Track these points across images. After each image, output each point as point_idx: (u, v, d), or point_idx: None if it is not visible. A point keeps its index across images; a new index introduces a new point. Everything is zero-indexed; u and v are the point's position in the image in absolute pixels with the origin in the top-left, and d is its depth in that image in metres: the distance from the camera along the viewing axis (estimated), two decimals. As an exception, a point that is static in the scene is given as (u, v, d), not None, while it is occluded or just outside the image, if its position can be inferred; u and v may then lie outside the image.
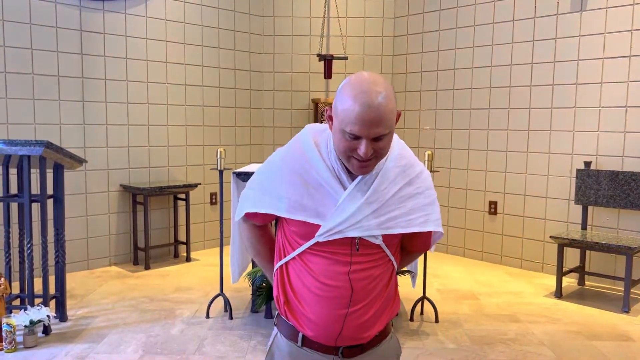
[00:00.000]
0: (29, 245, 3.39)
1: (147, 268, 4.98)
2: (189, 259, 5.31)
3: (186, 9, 5.44)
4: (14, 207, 4.10)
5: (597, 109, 4.58)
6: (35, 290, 3.57)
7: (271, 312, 3.76)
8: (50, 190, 3.67)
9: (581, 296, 4.35)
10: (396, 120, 1.30)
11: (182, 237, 5.44)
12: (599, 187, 4.45)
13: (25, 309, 3.27)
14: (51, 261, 3.98)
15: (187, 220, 5.31)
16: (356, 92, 1.24)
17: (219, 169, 3.76)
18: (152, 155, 5.29)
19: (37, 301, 3.46)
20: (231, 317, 3.74)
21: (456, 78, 5.52)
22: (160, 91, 5.31)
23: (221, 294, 3.82)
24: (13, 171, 4.01)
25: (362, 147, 1.26)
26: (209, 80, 5.69)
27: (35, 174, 4.17)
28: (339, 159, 1.35)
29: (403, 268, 2.73)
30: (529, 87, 4.98)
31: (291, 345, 1.43)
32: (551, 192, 4.89)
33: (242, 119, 6.00)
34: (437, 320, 3.72)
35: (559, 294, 4.29)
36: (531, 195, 5.03)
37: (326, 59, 5.79)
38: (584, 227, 4.56)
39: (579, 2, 4.63)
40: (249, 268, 3.79)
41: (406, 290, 4.09)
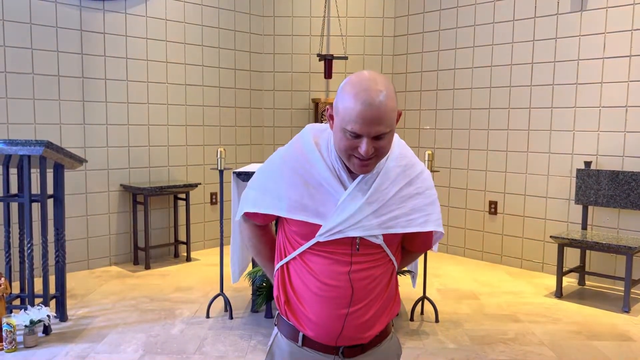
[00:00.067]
0: (29, 245, 3.39)
1: (148, 268, 4.98)
2: (189, 259, 5.31)
3: (186, 8, 5.44)
4: (14, 207, 4.11)
5: (597, 108, 4.58)
6: (36, 290, 3.57)
7: (271, 311, 3.76)
8: (50, 190, 3.67)
9: (581, 296, 4.35)
10: (397, 120, 1.29)
11: (183, 237, 5.44)
12: (599, 187, 4.45)
13: (26, 309, 3.27)
14: (51, 261, 3.98)
15: (187, 220, 5.31)
16: (357, 91, 1.24)
17: (219, 168, 3.76)
18: (152, 155, 5.29)
19: (38, 301, 3.46)
20: (231, 317, 3.74)
21: (456, 78, 5.52)
22: (161, 91, 5.31)
23: (221, 293, 3.82)
24: (13, 171, 4.01)
25: (363, 146, 1.25)
26: (209, 80, 5.69)
27: (35, 173, 4.16)
28: (339, 158, 1.34)
29: (403, 268, 2.72)
30: (529, 87, 4.98)
31: (292, 345, 1.43)
32: (551, 192, 4.89)
33: (242, 118, 6.00)
34: (437, 320, 3.72)
35: (559, 293, 4.29)
36: (531, 195, 5.03)
37: (326, 59, 5.79)
38: (584, 227, 4.56)
39: (579, 2, 4.63)
40: (249, 268, 3.80)
41: (406, 290, 4.09)
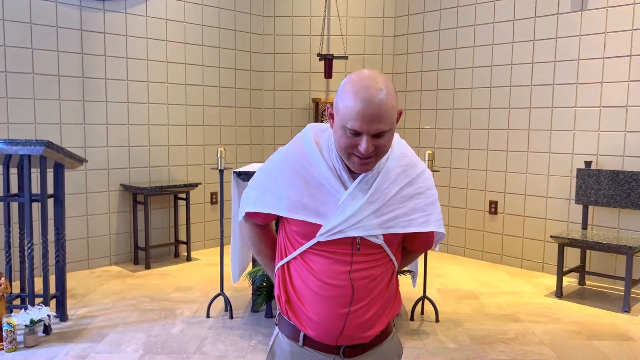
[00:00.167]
0: (29, 245, 3.39)
1: (148, 268, 4.98)
2: (189, 259, 5.31)
3: (186, 8, 5.43)
4: (14, 206, 4.11)
5: (598, 108, 4.58)
6: (36, 289, 3.57)
7: (271, 311, 3.76)
8: (50, 190, 3.67)
9: (581, 296, 4.35)
10: (397, 119, 1.30)
11: (183, 236, 5.44)
12: (599, 187, 4.45)
13: (26, 309, 3.27)
14: (51, 261, 3.98)
15: (187, 219, 5.31)
16: (357, 89, 1.24)
17: (219, 168, 3.76)
18: (152, 155, 5.29)
19: (38, 301, 3.46)
20: (231, 317, 3.74)
21: (456, 77, 5.52)
22: (161, 91, 5.31)
23: (221, 293, 3.82)
24: (13, 171, 4.01)
25: (363, 144, 1.25)
26: (210, 79, 5.68)
27: (35, 173, 4.16)
28: (340, 158, 1.34)
29: (404, 268, 2.72)
30: (529, 87, 4.98)
31: (292, 345, 1.43)
32: (552, 192, 4.89)
33: (242, 118, 6.00)
34: (437, 320, 3.72)
35: (559, 293, 4.29)
36: (531, 194, 5.03)
37: (326, 59, 5.79)
38: (584, 226, 4.56)
39: (579, 2, 4.63)
40: (249, 268, 3.80)
41: (407, 289, 4.09)
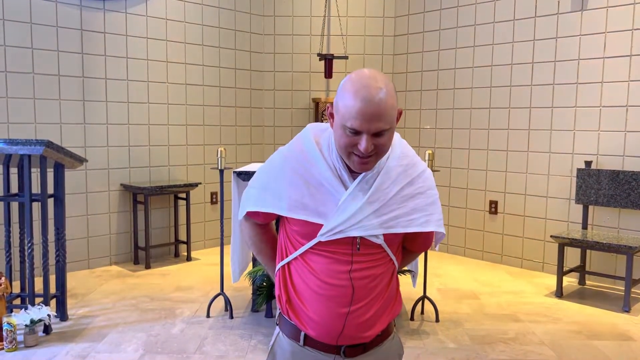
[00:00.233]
0: (29, 245, 3.39)
1: (148, 267, 4.98)
2: (189, 259, 5.31)
3: (187, 8, 5.43)
4: (14, 206, 4.11)
5: (598, 108, 4.58)
6: (36, 289, 3.57)
7: (271, 311, 3.76)
8: (50, 190, 3.67)
9: (582, 296, 4.35)
10: (397, 118, 1.30)
11: (183, 236, 5.44)
12: (599, 187, 4.45)
13: (26, 308, 3.27)
14: (52, 260, 3.98)
15: (187, 219, 5.31)
16: (357, 88, 1.24)
17: (219, 168, 3.76)
18: (152, 155, 5.29)
19: (38, 300, 3.46)
20: (232, 317, 3.74)
21: (457, 77, 5.52)
22: (161, 90, 5.31)
23: (222, 293, 3.82)
24: (14, 170, 4.01)
25: (363, 142, 1.25)
26: (210, 79, 5.68)
27: (35, 173, 4.17)
28: (340, 158, 1.34)
29: (404, 267, 2.72)
30: (529, 87, 4.98)
31: (293, 345, 1.43)
32: (552, 192, 4.89)
33: (242, 118, 6.00)
34: (437, 320, 3.72)
35: (559, 293, 4.29)
36: (532, 194, 5.03)
37: (327, 59, 5.78)
38: (584, 226, 4.56)
39: (579, 2, 4.63)
40: (249, 267, 3.80)
41: (407, 289, 4.09)
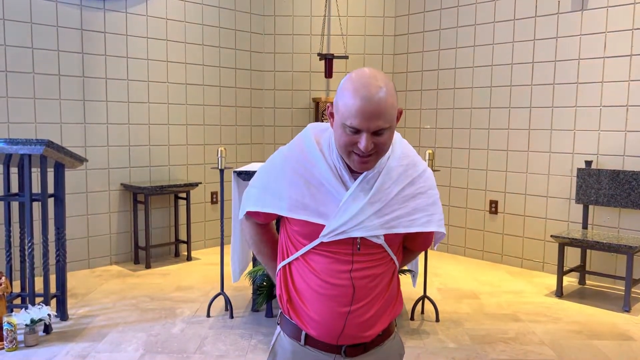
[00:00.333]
0: (29, 244, 3.39)
1: (148, 267, 4.98)
2: (189, 258, 5.31)
3: (187, 8, 5.43)
4: (14, 206, 4.10)
5: (598, 108, 4.58)
6: (36, 289, 3.57)
7: (272, 311, 3.76)
8: (51, 189, 3.68)
9: (582, 295, 4.35)
10: (397, 118, 1.30)
11: (183, 236, 5.44)
12: (599, 187, 4.45)
13: (26, 308, 3.27)
14: (52, 260, 3.98)
15: (187, 219, 5.31)
16: (357, 87, 1.24)
17: (219, 168, 3.76)
18: (152, 155, 5.29)
19: (38, 300, 3.46)
20: (232, 316, 3.74)
21: (457, 77, 5.52)
22: (161, 90, 5.31)
23: (222, 293, 3.82)
24: (14, 170, 4.01)
25: (363, 141, 1.25)
26: (210, 79, 5.68)
27: (36, 173, 4.17)
28: (341, 157, 1.34)
29: (404, 267, 2.72)
30: (529, 87, 4.98)
31: (294, 344, 1.43)
32: (552, 192, 4.89)
33: (242, 118, 6.00)
34: (437, 320, 3.72)
35: (559, 293, 4.29)
36: (532, 194, 5.03)
37: (327, 58, 5.78)
38: (584, 226, 4.56)
39: (579, 1, 4.63)
40: (250, 267, 3.80)
41: (407, 289, 4.08)
